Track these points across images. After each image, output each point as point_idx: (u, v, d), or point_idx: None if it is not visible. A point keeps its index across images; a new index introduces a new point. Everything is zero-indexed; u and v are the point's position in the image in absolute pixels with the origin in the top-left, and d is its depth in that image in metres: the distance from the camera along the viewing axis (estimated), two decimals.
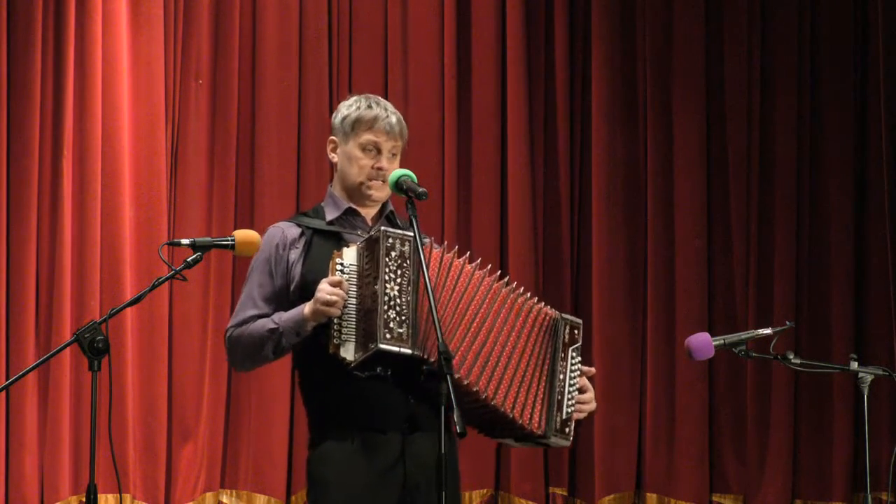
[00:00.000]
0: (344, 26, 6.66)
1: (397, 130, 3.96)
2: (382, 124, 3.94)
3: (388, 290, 3.67)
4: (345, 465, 3.79)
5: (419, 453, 3.81)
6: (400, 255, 3.70)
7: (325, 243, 3.88)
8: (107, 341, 3.57)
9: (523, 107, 6.76)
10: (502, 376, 3.83)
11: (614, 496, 6.73)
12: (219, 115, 6.45)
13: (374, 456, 3.79)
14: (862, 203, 6.94)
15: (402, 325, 3.65)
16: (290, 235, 3.91)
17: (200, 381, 6.34)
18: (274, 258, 3.88)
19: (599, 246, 6.78)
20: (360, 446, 3.79)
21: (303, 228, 3.92)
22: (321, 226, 3.92)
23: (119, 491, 6.12)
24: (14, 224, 6.13)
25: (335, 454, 3.80)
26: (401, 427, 3.81)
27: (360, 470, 3.78)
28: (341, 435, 3.81)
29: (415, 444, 3.82)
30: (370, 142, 3.94)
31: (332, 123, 4.02)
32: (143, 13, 6.32)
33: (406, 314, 3.67)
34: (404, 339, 3.65)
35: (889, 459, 6.24)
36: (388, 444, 3.80)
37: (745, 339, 4.33)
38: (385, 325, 3.64)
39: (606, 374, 6.74)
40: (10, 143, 6.13)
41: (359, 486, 3.78)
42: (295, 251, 3.89)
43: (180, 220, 6.36)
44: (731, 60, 6.93)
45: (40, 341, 6.12)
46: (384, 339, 3.63)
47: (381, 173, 3.93)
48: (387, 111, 3.97)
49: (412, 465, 3.81)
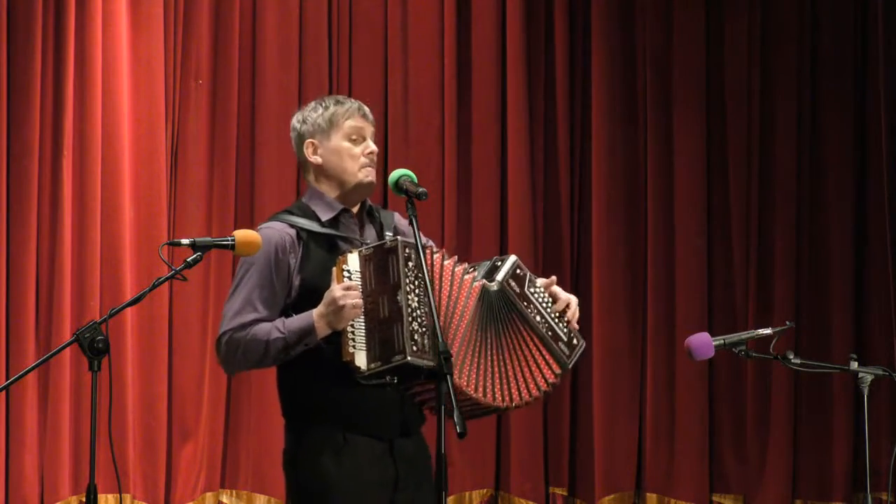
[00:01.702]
0: (344, 26, 6.66)
1: (370, 116, 3.97)
2: (358, 112, 3.93)
3: (410, 301, 3.65)
4: (339, 471, 3.77)
5: (407, 455, 3.82)
6: (416, 266, 3.68)
7: (320, 247, 3.85)
8: (107, 341, 3.57)
9: (523, 107, 6.77)
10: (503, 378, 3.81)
11: (614, 496, 6.73)
12: (219, 115, 6.45)
13: (366, 460, 3.79)
14: (862, 203, 6.94)
15: (424, 336, 3.63)
16: (287, 239, 3.83)
17: (200, 381, 6.35)
18: (274, 261, 3.81)
19: (599, 246, 6.78)
20: (352, 451, 3.78)
21: (297, 230, 3.85)
22: (315, 228, 3.86)
23: (119, 491, 6.12)
24: (14, 224, 6.13)
25: (327, 460, 3.78)
26: (393, 431, 3.81)
27: (354, 475, 3.77)
28: (333, 439, 3.79)
29: (403, 446, 3.83)
30: (354, 128, 3.92)
31: (302, 130, 3.95)
32: (143, 13, 6.32)
33: (426, 326, 3.64)
34: (427, 352, 3.63)
35: (889, 459, 6.25)
36: (379, 448, 3.80)
37: (745, 339, 4.33)
38: (411, 338, 3.61)
39: (606, 374, 6.75)
40: (10, 143, 6.13)
41: (353, 492, 3.77)
42: (293, 256, 3.83)
43: (180, 220, 6.36)
44: (731, 60, 6.93)
45: (40, 341, 6.12)
46: (412, 353, 3.60)
47: (373, 157, 3.92)
48: (357, 102, 3.97)
49: (403, 467, 3.82)
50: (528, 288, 3.88)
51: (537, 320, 3.87)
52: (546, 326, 3.88)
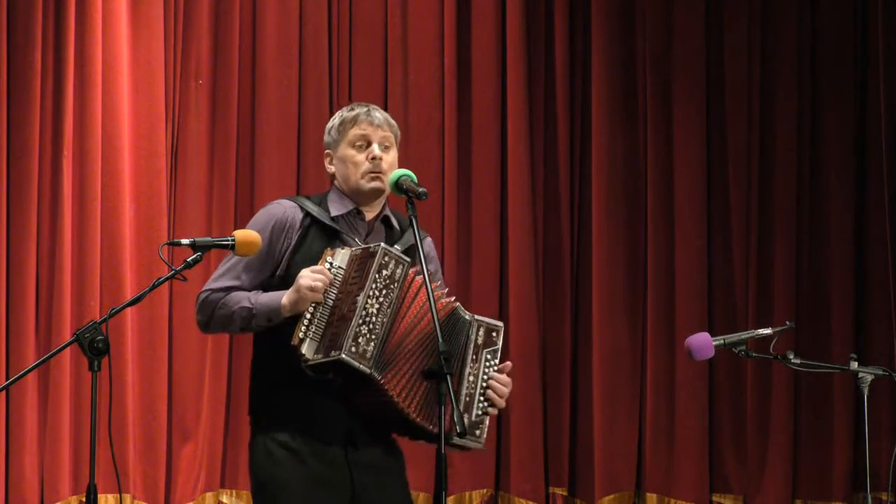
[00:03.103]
0: (344, 26, 6.66)
1: (382, 120, 3.98)
2: (365, 118, 3.97)
3: (367, 304, 3.69)
4: (292, 467, 3.81)
5: (363, 461, 3.83)
6: (390, 277, 3.72)
7: (321, 238, 3.88)
8: (107, 341, 3.57)
9: (523, 107, 6.77)
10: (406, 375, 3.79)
11: (614, 496, 6.73)
12: (219, 115, 6.45)
13: (317, 461, 3.82)
14: (862, 203, 6.94)
15: (369, 342, 3.67)
16: (290, 218, 3.91)
17: (200, 381, 6.35)
18: (269, 235, 3.88)
19: (599, 246, 6.78)
20: (304, 450, 3.82)
21: (305, 214, 3.92)
22: (324, 218, 3.92)
23: (119, 491, 6.12)
24: (14, 224, 6.13)
25: (281, 455, 3.83)
26: (340, 439, 3.82)
27: (305, 473, 3.81)
28: (285, 437, 3.84)
29: (357, 453, 3.84)
30: (358, 136, 3.96)
31: (325, 142, 4.06)
32: (143, 13, 6.32)
33: (377, 333, 3.69)
34: (367, 358, 3.67)
35: (889, 459, 6.25)
36: (330, 452, 3.83)
37: (745, 339, 4.34)
38: (354, 339, 3.66)
39: (606, 375, 6.75)
40: (10, 143, 6.13)
41: (306, 490, 3.80)
42: (292, 234, 3.89)
43: (180, 220, 6.36)
44: (731, 60, 6.93)
45: (40, 341, 6.12)
46: (348, 352, 3.65)
47: (376, 163, 3.93)
48: (369, 107, 4.00)
49: (358, 471, 3.83)
50: (487, 351, 3.86)
51: (469, 380, 3.83)
52: (468, 391, 3.82)
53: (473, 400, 3.83)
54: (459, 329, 3.84)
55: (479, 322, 3.86)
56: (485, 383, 3.84)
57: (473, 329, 3.85)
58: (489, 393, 3.84)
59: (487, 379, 3.84)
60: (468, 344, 3.84)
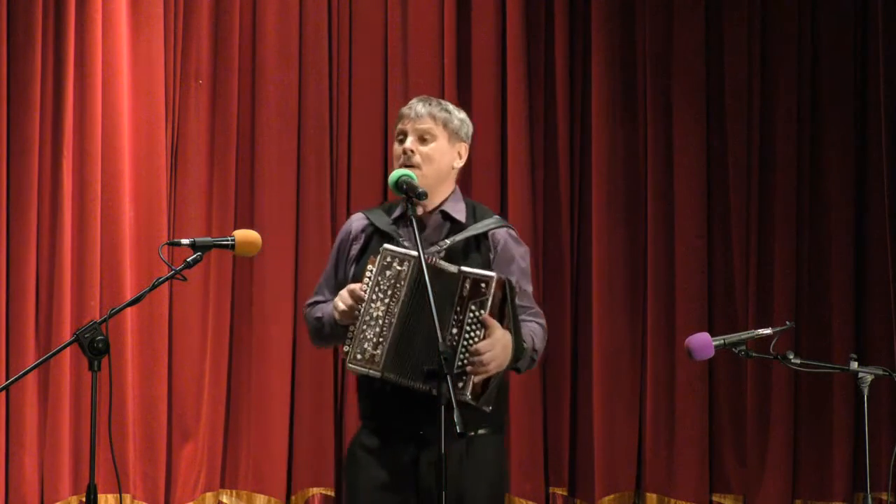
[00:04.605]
0: (344, 26, 6.66)
1: (424, 112, 4.00)
2: (406, 111, 4.03)
3: (371, 308, 3.75)
4: (366, 465, 3.89)
5: (431, 457, 3.83)
6: (395, 276, 3.75)
7: (379, 243, 3.91)
8: (107, 341, 3.57)
9: (523, 107, 6.76)
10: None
11: (614, 496, 6.73)
12: (219, 115, 6.45)
13: (390, 458, 3.87)
14: (862, 203, 6.93)
15: (377, 346, 3.73)
16: (355, 228, 4.04)
17: (200, 381, 6.35)
18: (339, 249, 4.06)
19: (599, 246, 6.78)
20: (380, 447, 3.91)
21: (368, 222, 4.03)
22: (382, 224, 3.99)
23: (119, 491, 6.12)
24: (14, 224, 6.13)
25: (359, 453, 3.94)
26: (413, 433, 3.86)
27: (378, 471, 3.87)
28: (368, 434, 3.95)
29: (427, 448, 3.86)
30: (399, 130, 4.05)
31: None
32: (143, 13, 6.32)
33: (385, 336, 3.73)
34: (376, 362, 3.73)
35: (889, 459, 6.24)
36: (402, 447, 3.87)
37: (745, 339, 4.33)
38: (360, 345, 3.74)
39: (606, 374, 6.74)
40: (10, 143, 6.14)
41: (375, 487, 3.87)
42: (357, 245, 4.01)
43: (180, 220, 6.36)
44: (731, 60, 6.92)
45: (40, 341, 6.12)
46: (353, 360, 3.76)
47: (407, 156, 3.96)
48: (416, 100, 4.06)
49: (425, 468, 3.86)
50: (472, 303, 3.78)
51: (453, 332, 3.76)
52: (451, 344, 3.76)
53: (455, 352, 3.75)
54: (443, 284, 3.74)
55: (464, 274, 3.78)
56: (468, 335, 3.75)
57: (458, 281, 3.77)
58: (475, 359, 3.74)
59: (472, 331, 3.76)
60: (452, 297, 3.75)
